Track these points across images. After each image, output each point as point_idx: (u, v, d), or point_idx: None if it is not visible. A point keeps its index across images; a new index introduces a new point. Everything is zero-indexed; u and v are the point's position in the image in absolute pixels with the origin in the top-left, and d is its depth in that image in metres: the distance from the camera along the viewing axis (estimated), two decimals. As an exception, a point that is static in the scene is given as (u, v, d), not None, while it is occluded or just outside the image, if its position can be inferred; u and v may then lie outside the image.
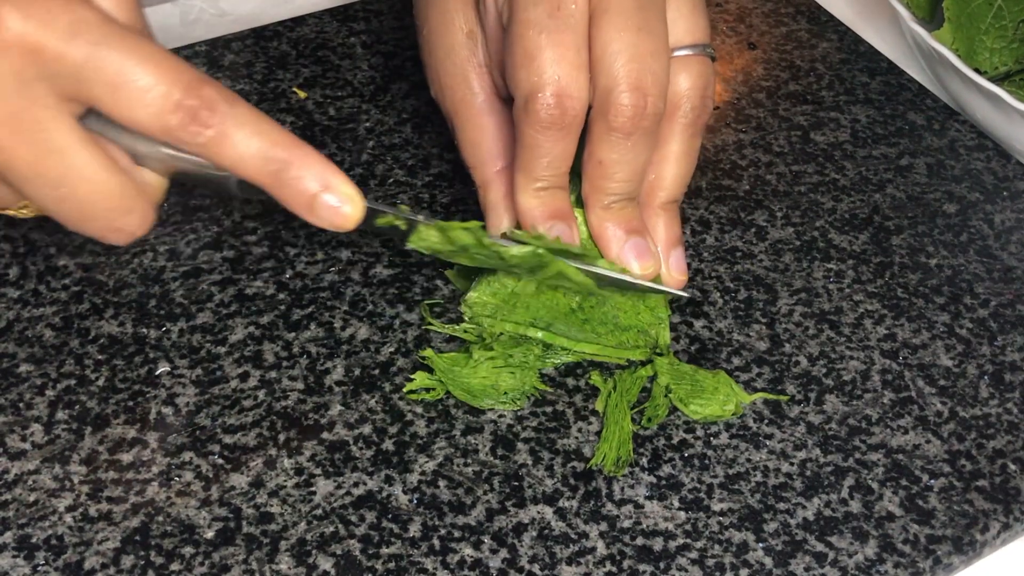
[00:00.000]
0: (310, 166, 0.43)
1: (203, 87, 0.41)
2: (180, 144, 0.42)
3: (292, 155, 0.43)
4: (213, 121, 0.41)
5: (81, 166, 0.41)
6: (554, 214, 0.48)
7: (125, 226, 0.44)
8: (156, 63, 0.40)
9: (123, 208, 0.43)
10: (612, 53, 0.45)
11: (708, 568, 0.44)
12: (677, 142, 0.50)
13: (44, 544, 0.43)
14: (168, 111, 0.40)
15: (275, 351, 0.50)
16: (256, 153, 0.42)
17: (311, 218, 0.44)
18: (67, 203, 0.42)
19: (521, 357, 0.49)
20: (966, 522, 0.46)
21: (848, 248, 0.57)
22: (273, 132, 0.42)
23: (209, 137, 0.41)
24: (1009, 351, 0.53)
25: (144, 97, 0.40)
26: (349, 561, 0.43)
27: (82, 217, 0.43)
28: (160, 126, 0.41)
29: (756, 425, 0.49)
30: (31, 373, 0.48)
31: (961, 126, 0.65)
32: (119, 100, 0.40)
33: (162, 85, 0.40)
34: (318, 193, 0.43)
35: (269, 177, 0.43)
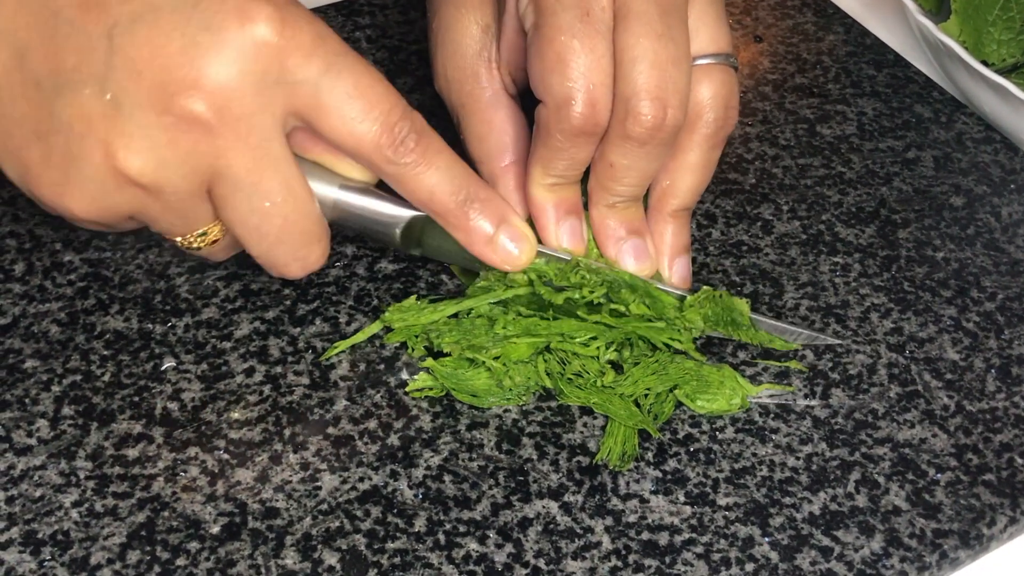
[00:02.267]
0: (492, 202, 0.47)
1: (414, 115, 0.44)
2: (384, 164, 0.44)
3: (479, 190, 0.46)
4: (419, 147, 0.44)
5: (292, 182, 0.43)
6: (567, 209, 0.49)
7: (309, 255, 0.45)
8: (382, 85, 0.43)
9: (314, 236, 0.45)
10: (632, 59, 0.45)
11: (714, 563, 0.44)
12: (696, 152, 0.49)
13: (50, 539, 0.43)
14: (386, 131, 0.43)
15: (280, 346, 0.50)
16: (449, 184, 0.45)
17: (488, 253, 0.47)
18: (270, 219, 0.43)
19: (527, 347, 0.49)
20: (973, 516, 0.46)
21: (854, 242, 0.57)
22: (465, 168, 0.46)
23: (412, 161, 0.44)
24: (1016, 344, 0.53)
25: (370, 113, 0.43)
26: (354, 556, 0.43)
27: (278, 238, 0.44)
28: (374, 143, 0.43)
29: (762, 419, 0.49)
30: (37, 369, 0.48)
31: (968, 119, 0.65)
32: (345, 113, 0.42)
33: (385, 104, 0.43)
34: (497, 229, 0.47)
35: (456, 209, 0.46)
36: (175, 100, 0.40)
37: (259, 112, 0.41)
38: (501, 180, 0.50)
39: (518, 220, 0.48)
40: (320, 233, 0.45)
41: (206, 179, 0.42)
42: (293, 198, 0.43)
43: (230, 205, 0.43)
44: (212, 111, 0.40)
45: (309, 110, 0.42)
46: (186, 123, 0.40)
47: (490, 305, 0.49)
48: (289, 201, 0.43)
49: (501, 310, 0.49)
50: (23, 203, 0.55)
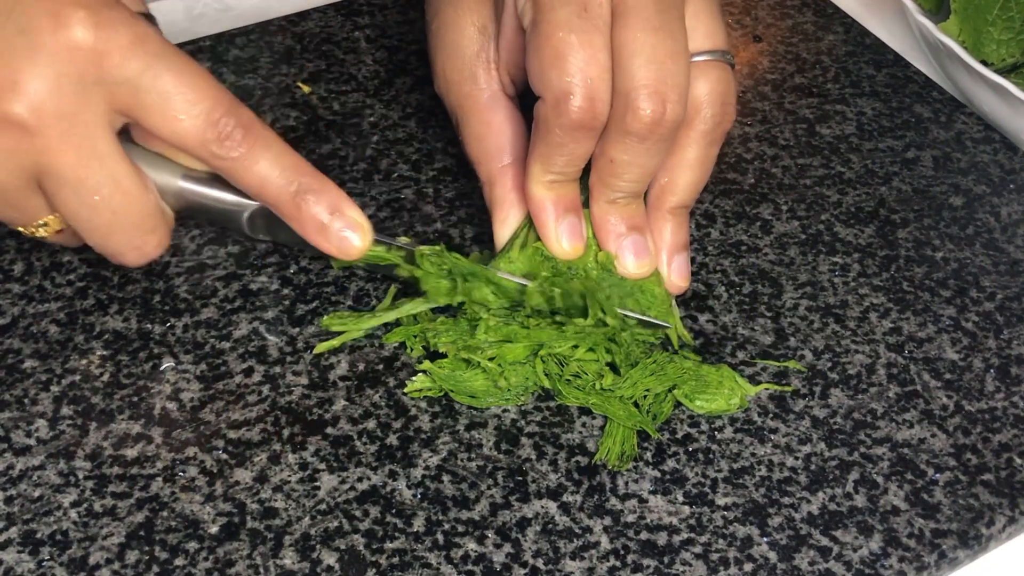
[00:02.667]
0: (326, 192, 0.47)
1: (241, 109, 0.45)
2: (212, 159, 0.45)
3: (311, 181, 0.46)
4: (246, 141, 0.44)
5: (120, 176, 0.44)
6: (566, 207, 0.49)
7: (145, 244, 0.46)
8: (204, 81, 0.44)
9: (148, 226, 0.46)
10: (631, 53, 0.45)
11: (712, 563, 0.44)
12: (694, 149, 0.49)
13: (49, 539, 0.43)
14: (209, 126, 0.44)
15: (279, 346, 0.50)
16: (279, 175, 0.46)
17: (322, 242, 0.47)
18: (99, 213, 0.44)
19: (522, 349, 0.49)
20: (971, 516, 0.46)
21: (854, 241, 0.57)
22: (295, 158, 0.46)
23: (240, 154, 0.44)
24: (1015, 344, 0.53)
25: (191, 109, 0.43)
26: (353, 556, 0.43)
27: (109, 230, 0.45)
28: (199, 139, 0.44)
29: (761, 419, 0.49)
30: (36, 369, 0.48)
31: (968, 118, 0.65)
32: (167, 110, 0.43)
33: (207, 101, 0.44)
34: (332, 218, 0.47)
35: (288, 199, 0.46)
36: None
37: (80, 112, 0.42)
38: (499, 180, 0.50)
39: (352, 209, 0.47)
40: (154, 224, 0.46)
41: (32, 175, 0.43)
42: (121, 192, 0.44)
43: (59, 200, 0.44)
44: (29, 112, 0.41)
45: (132, 109, 0.43)
46: (5, 124, 0.41)
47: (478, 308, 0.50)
48: (116, 195, 0.44)
49: (487, 312, 0.49)
50: (22, 203, 0.55)
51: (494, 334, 0.48)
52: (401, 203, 0.57)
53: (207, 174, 0.47)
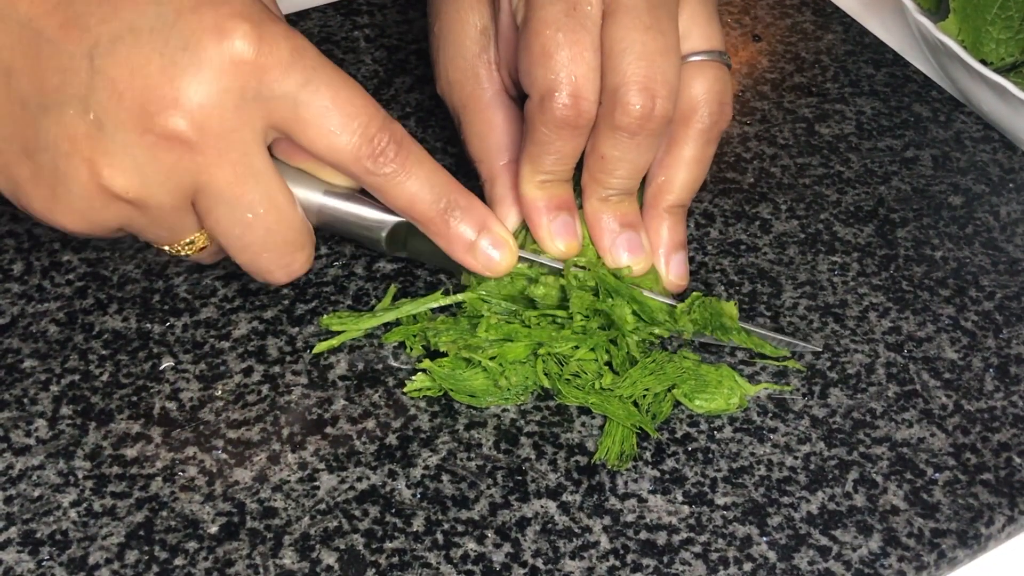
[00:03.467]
0: (473, 209, 0.47)
1: (394, 125, 0.44)
2: (365, 175, 0.44)
3: (459, 198, 0.46)
4: (399, 157, 0.44)
5: (274, 193, 0.43)
6: (558, 205, 0.49)
7: (293, 262, 0.46)
8: (360, 96, 0.43)
9: (298, 243, 0.45)
10: (621, 51, 0.45)
11: (712, 562, 0.44)
12: (691, 147, 0.50)
13: (49, 539, 0.43)
14: (365, 142, 0.43)
15: (279, 346, 0.50)
16: (429, 193, 0.45)
17: (470, 260, 0.48)
18: (252, 231, 0.44)
19: (522, 348, 0.49)
20: (971, 516, 0.46)
21: (853, 241, 0.57)
22: (445, 175, 0.46)
23: (393, 171, 0.44)
24: (1015, 344, 0.53)
25: (348, 124, 0.43)
26: (352, 555, 0.43)
27: (262, 247, 0.45)
28: (353, 155, 0.43)
29: (760, 419, 0.49)
30: (35, 368, 0.48)
31: (967, 118, 0.65)
32: (323, 125, 0.43)
33: (363, 116, 0.43)
34: (479, 236, 0.47)
35: (437, 216, 0.46)
36: (155, 119, 0.40)
37: (239, 128, 0.42)
38: (499, 178, 0.51)
39: (499, 227, 0.48)
40: (303, 241, 0.46)
41: (189, 193, 0.43)
42: (275, 209, 0.44)
43: (213, 217, 0.43)
44: (192, 129, 0.41)
45: (289, 124, 0.43)
46: (167, 141, 0.41)
47: (482, 304, 0.50)
48: (271, 212, 0.44)
49: (490, 310, 0.49)
50: (21, 203, 0.55)
51: (494, 333, 0.48)
52: (400, 202, 0.57)
53: (348, 190, 0.47)
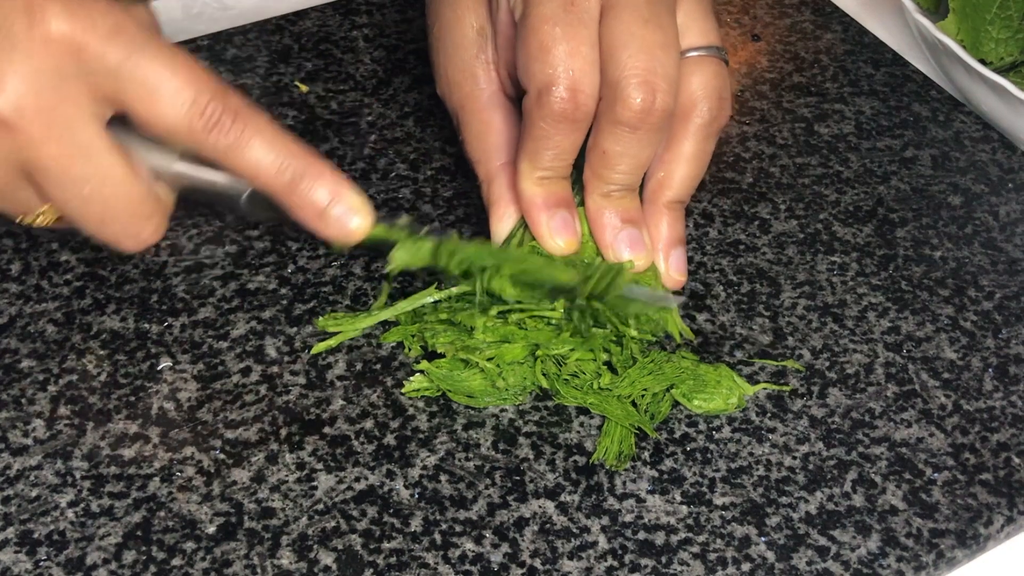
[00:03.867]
0: (322, 176, 0.45)
1: (228, 95, 0.44)
2: (202, 147, 0.44)
3: (306, 165, 0.45)
4: (236, 127, 0.44)
5: (107, 166, 0.43)
6: (557, 202, 0.49)
7: (141, 231, 0.45)
8: (188, 68, 0.43)
9: (142, 213, 0.45)
10: (620, 45, 0.45)
11: (710, 562, 0.44)
12: (690, 143, 0.50)
13: (46, 539, 0.43)
14: (196, 114, 0.43)
15: (277, 346, 0.50)
16: (273, 161, 0.44)
17: (321, 227, 0.46)
18: (90, 204, 0.44)
19: (520, 349, 0.49)
20: (970, 516, 0.46)
21: (852, 241, 0.57)
22: (289, 143, 0.45)
23: (231, 141, 0.44)
24: (1014, 344, 0.53)
25: (176, 98, 0.42)
26: (350, 556, 0.43)
27: (103, 220, 0.44)
28: (187, 128, 0.43)
29: (759, 419, 0.49)
30: (33, 369, 0.48)
31: (966, 117, 0.65)
32: (151, 101, 0.42)
33: (192, 89, 0.43)
34: (329, 203, 0.46)
35: (283, 185, 0.45)
36: None
37: (59, 105, 0.42)
38: (497, 178, 0.50)
39: (351, 194, 0.46)
40: (149, 211, 0.45)
41: (19, 170, 0.43)
42: (110, 182, 0.44)
43: (49, 192, 0.44)
44: (9, 109, 0.41)
45: (116, 98, 0.43)
46: None
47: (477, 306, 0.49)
48: (107, 184, 0.44)
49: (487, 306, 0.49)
50: (20, 203, 0.55)
51: (492, 335, 0.48)
52: (399, 202, 0.57)
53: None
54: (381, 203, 0.57)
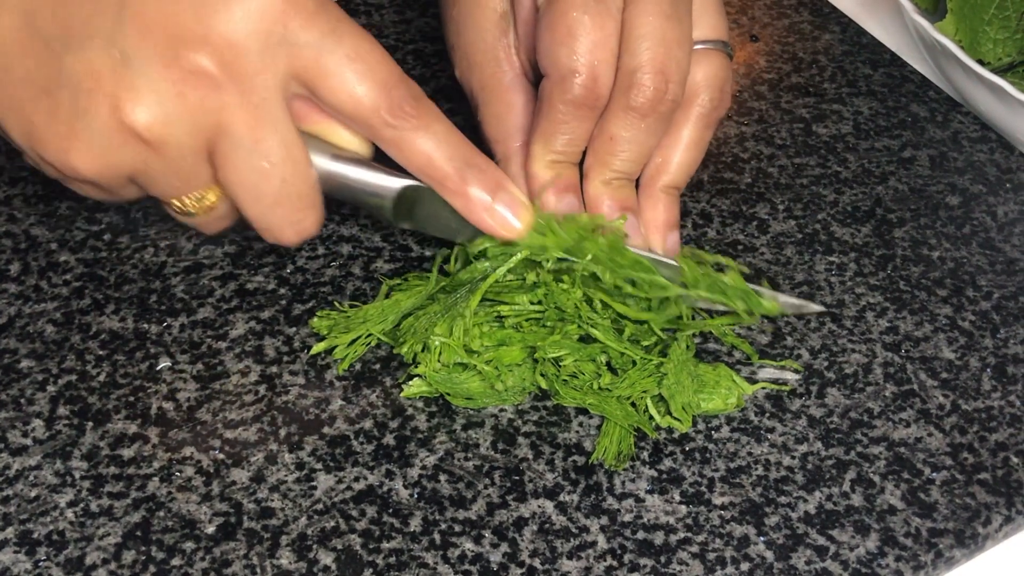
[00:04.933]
0: (489, 171, 0.47)
1: (411, 82, 0.45)
2: (382, 128, 0.44)
3: (475, 158, 0.47)
4: (416, 113, 0.45)
5: (291, 143, 0.44)
6: (566, 187, 0.50)
7: (305, 219, 0.46)
8: (380, 50, 0.44)
9: (310, 201, 0.46)
10: (640, 36, 0.46)
11: (709, 562, 0.44)
12: (690, 130, 0.51)
13: (45, 539, 0.43)
14: (384, 95, 0.44)
15: (276, 346, 0.50)
16: (445, 151, 0.46)
17: (486, 222, 0.47)
18: (268, 180, 0.44)
19: (519, 351, 0.49)
20: (968, 515, 0.46)
21: (850, 241, 0.57)
22: (460, 136, 0.46)
23: (411, 126, 0.45)
24: (1012, 344, 0.53)
25: (370, 75, 0.43)
26: (350, 555, 0.43)
27: (275, 200, 0.45)
28: (372, 106, 0.44)
29: (757, 418, 0.49)
30: (32, 369, 0.48)
31: (964, 118, 0.65)
32: (345, 76, 0.43)
33: (384, 69, 0.44)
34: (496, 198, 0.47)
35: (452, 174, 0.46)
36: (183, 55, 0.41)
37: (263, 71, 0.42)
38: (514, 159, 0.51)
39: (515, 188, 0.48)
40: (316, 199, 0.46)
41: (209, 136, 0.43)
42: (292, 160, 0.44)
43: (231, 163, 0.43)
44: (219, 66, 0.41)
45: (310, 72, 0.43)
46: (193, 77, 0.41)
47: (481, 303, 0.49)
48: (288, 162, 0.44)
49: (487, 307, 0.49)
50: (19, 203, 0.55)
51: (489, 339, 0.48)
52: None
53: (356, 156, 0.47)
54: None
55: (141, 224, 0.54)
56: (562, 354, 0.48)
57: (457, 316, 0.48)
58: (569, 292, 0.48)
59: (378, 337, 0.50)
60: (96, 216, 0.55)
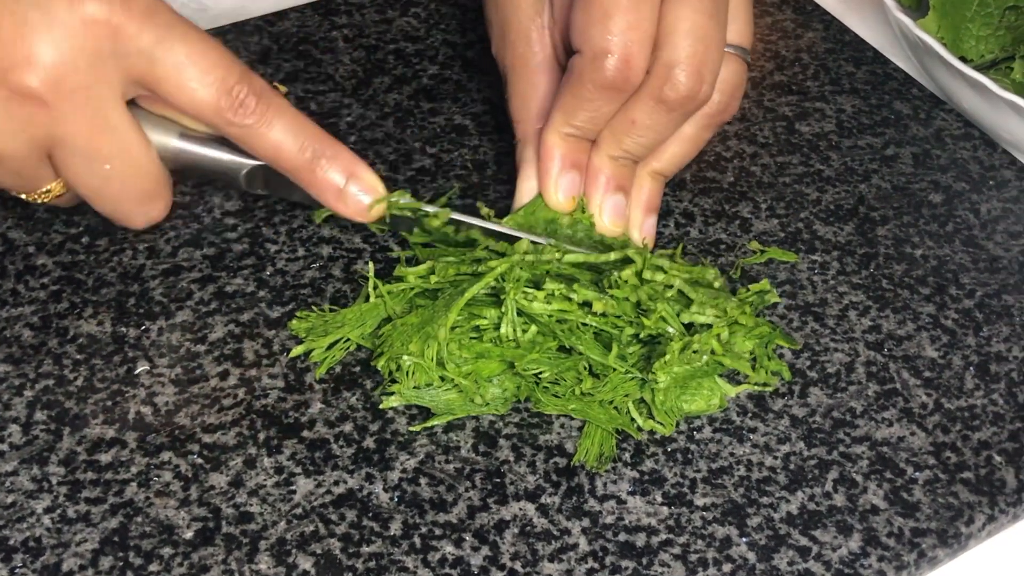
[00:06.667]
0: (340, 156, 0.48)
1: (252, 77, 0.46)
2: (226, 126, 0.45)
3: (325, 146, 0.47)
4: (259, 108, 0.45)
5: (131, 146, 0.45)
6: (572, 163, 0.51)
7: (152, 210, 0.48)
8: (216, 50, 0.45)
9: (155, 192, 0.47)
10: (682, 31, 0.47)
11: (691, 563, 0.43)
12: (691, 126, 0.51)
13: (22, 546, 0.42)
14: (223, 94, 0.44)
15: (255, 349, 0.50)
16: (294, 141, 0.47)
17: (340, 206, 0.48)
18: (109, 182, 0.45)
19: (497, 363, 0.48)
20: (951, 515, 0.46)
21: (833, 239, 0.57)
22: (309, 124, 0.47)
23: (255, 121, 0.45)
24: (995, 342, 0.53)
25: (205, 78, 0.44)
26: (329, 560, 0.43)
27: (119, 197, 0.46)
28: (213, 107, 0.45)
29: (740, 419, 0.49)
30: (9, 373, 0.48)
31: (947, 115, 0.65)
32: (181, 81, 0.44)
33: (220, 69, 0.44)
34: (347, 182, 0.48)
35: (303, 165, 0.47)
36: (8, 76, 0.42)
37: (94, 85, 0.43)
38: (533, 141, 0.52)
39: (367, 173, 0.49)
40: (161, 190, 0.47)
41: (45, 146, 0.44)
42: (132, 162, 0.45)
43: (71, 169, 0.45)
44: (45, 86, 0.42)
45: (147, 79, 0.44)
46: (20, 97, 0.42)
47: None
48: (128, 165, 0.45)
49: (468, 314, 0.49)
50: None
51: (467, 351, 0.48)
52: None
53: (204, 134, 0.48)
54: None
55: (119, 227, 0.54)
56: (541, 369, 0.48)
57: (430, 337, 0.47)
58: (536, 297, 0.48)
59: (356, 342, 0.49)
60: (74, 219, 0.54)
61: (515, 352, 0.47)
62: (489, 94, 0.63)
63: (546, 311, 0.47)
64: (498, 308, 0.48)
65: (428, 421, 0.47)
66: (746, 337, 0.49)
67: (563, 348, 0.48)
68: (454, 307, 0.47)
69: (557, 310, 0.47)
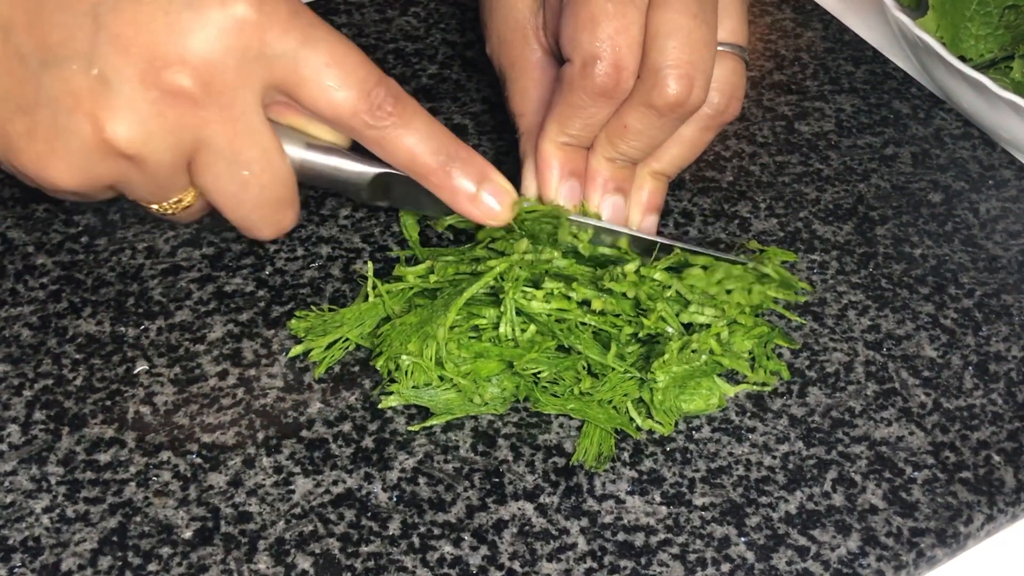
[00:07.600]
0: (473, 161, 0.47)
1: (390, 81, 0.45)
2: (364, 129, 0.45)
3: (458, 150, 0.47)
4: (396, 111, 0.45)
5: (270, 152, 0.45)
6: (571, 171, 0.51)
7: (284, 219, 0.47)
8: (356, 52, 0.45)
9: (288, 200, 0.47)
10: (667, 34, 0.47)
11: (690, 563, 0.43)
12: (691, 128, 0.51)
13: (20, 546, 0.43)
14: (363, 96, 0.44)
15: (254, 348, 0.50)
16: (428, 146, 0.46)
17: (472, 210, 0.48)
18: (247, 188, 0.45)
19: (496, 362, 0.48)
20: (950, 514, 0.46)
21: (832, 239, 0.57)
22: (442, 128, 0.47)
23: (392, 124, 0.45)
24: (994, 341, 0.53)
25: (347, 80, 0.44)
26: (328, 560, 0.43)
27: (255, 204, 0.45)
28: (352, 109, 0.44)
29: (738, 418, 0.49)
30: (8, 373, 0.48)
31: (946, 115, 0.65)
32: (323, 82, 0.44)
33: (361, 72, 0.44)
34: (480, 187, 0.47)
35: (437, 169, 0.47)
36: (161, 75, 0.41)
37: (241, 86, 0.43)
38: (536, 133, 0.52)
39: (499, 176, 0.49)
40: (293, 198, 0.47)
41: (189, 150, 0.43)
42: (271, 168, 0.45)
43: (211, 174, 0.44)
44: (197, 85, 0.42)
45: (289, 82, 0.44)
46: (172, 96, 0.42)
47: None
48: (267, 171, 0.45)
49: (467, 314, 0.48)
50: (-5, 206, 0.55)
51: (466, 351, 0.48)
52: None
53: (329, 144, 0.47)
54: (360, 203, 0.56)
55: (119, 226, 0.54)
56: (540, 369, 0.48)
57: (429, 336, 0.47)
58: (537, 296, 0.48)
59: (355, 341, 0.49)
60: (73, 219, 0.54)
61: (514, 352, 0.47)
62: (488, 94, 0.63)
63: (545, 310, 0.47)
64: (497, 307, 0.48)
65: (427, 421, 0.47)
66: (745, 337, 0.50)
67: (562, 348, 0.48)
68: (453, 306, 0.47)
69: (556, 309, 0.47)
